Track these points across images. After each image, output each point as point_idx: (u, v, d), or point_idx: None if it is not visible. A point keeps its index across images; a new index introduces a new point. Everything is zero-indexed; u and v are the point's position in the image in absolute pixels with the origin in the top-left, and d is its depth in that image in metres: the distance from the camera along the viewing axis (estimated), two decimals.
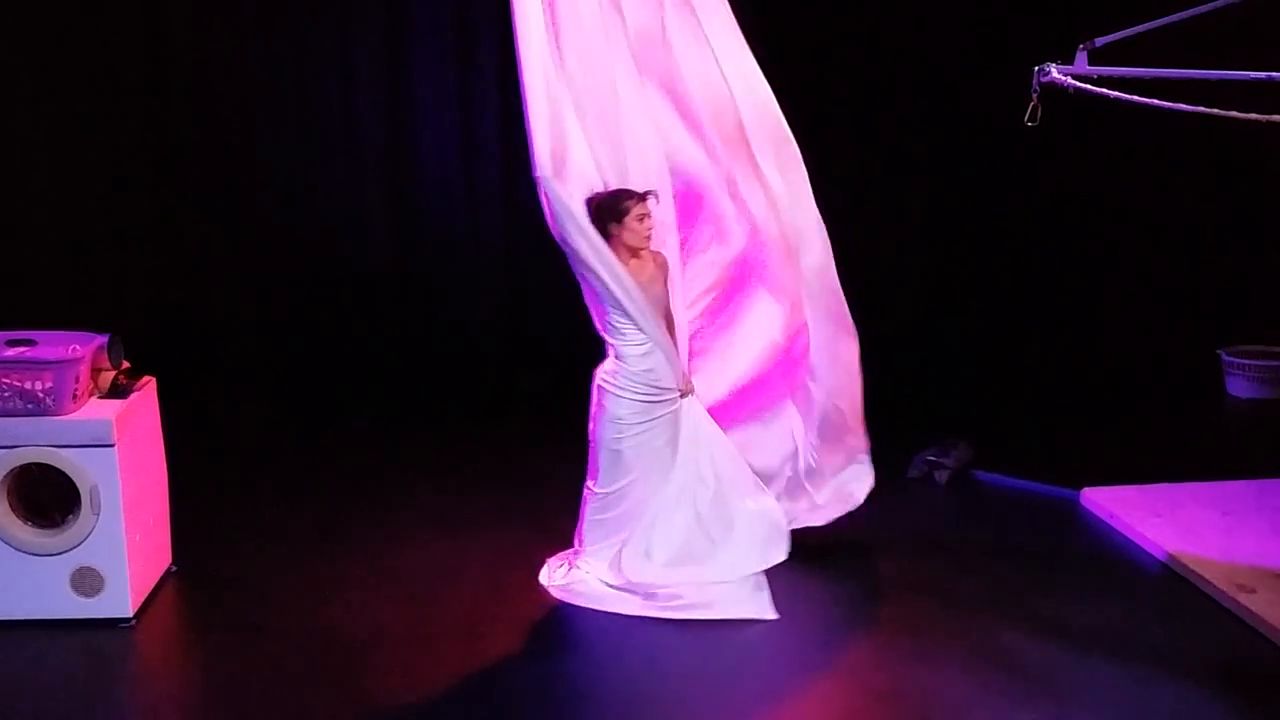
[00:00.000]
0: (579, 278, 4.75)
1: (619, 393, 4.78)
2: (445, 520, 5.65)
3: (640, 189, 4.77)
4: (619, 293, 4.65)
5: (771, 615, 4.72)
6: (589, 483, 4.92)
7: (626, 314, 4.70)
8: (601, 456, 4.85)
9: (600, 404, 4.83)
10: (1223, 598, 4.77)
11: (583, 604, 4.82)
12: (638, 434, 4.81)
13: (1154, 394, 7.50)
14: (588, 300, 4.81)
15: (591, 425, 4.88)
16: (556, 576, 4.98)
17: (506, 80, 7.42)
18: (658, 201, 4.83)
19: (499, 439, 6.83)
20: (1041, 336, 7.87)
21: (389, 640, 4.56)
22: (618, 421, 4.79)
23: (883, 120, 7.68)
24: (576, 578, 4.93)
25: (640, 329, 4.72)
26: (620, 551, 4.87)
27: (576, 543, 5.01)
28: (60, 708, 4.15)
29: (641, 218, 4.72)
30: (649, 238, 4.78)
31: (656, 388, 4.80)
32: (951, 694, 4.19)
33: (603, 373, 4.85)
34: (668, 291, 4.88)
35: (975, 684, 4.24)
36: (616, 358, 4.80)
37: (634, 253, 4.75)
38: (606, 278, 4.63)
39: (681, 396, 4.87)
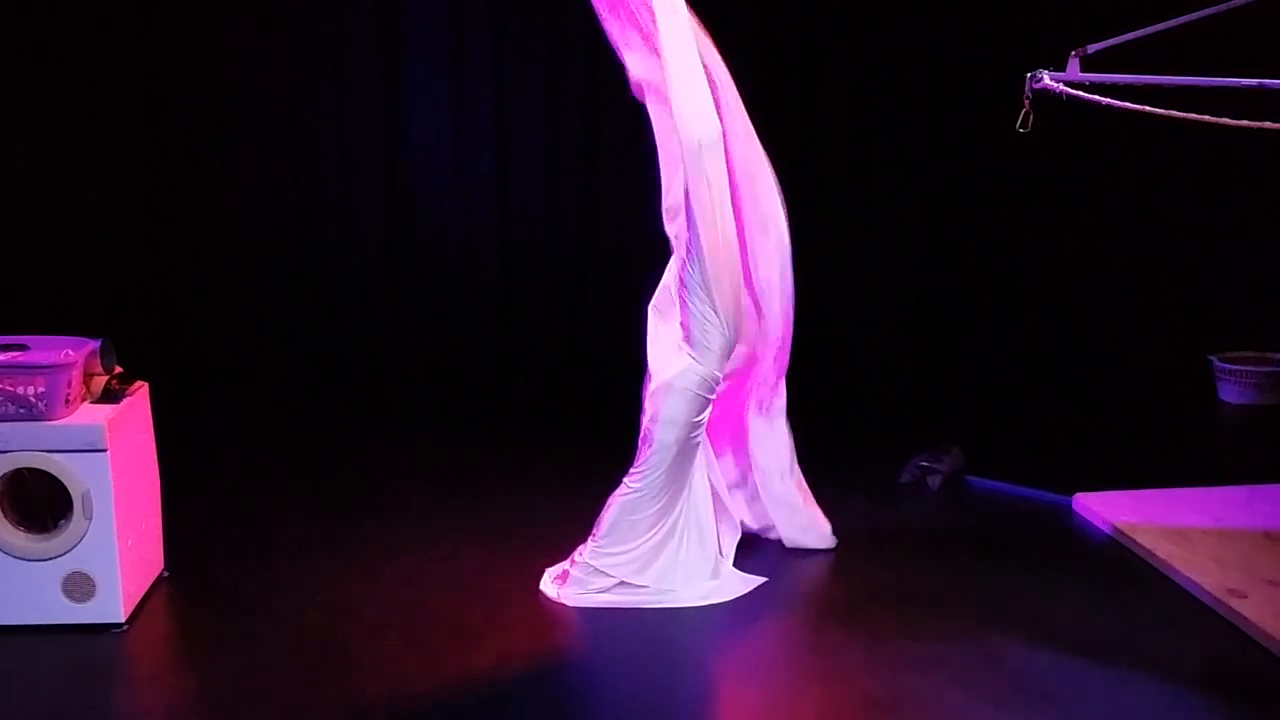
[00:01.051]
0: (683, 267, 4.76)
1: (697, 391, 4.75)
2: (438, 526, 5.64)
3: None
4: (728, 278, 4.69)
5: (758, 580, 4.97)
6: (628, 483, 4.85)
7: (716, 309, 4.71)
8: (653, 456, 4.78)
9: (666, 404, 4.75)
10: (1215, 603, 4.78)
11: (591, 605, 4.80)
12: (693, 432, 4.80)
13: (1146, 399, 7.52)
14: (680, 293, 4.79)
15: (649, 425, 4.78)
16: (559, 585, 4.93)
17: (500, 87, 7.46)
18: None
19: (492, 445, 6.82)
20: (1034, 342, 7.89)
21: (382, 646, 4.55)
22: (680, 422, 4.74)
23: (875, 127, 7.70)
24: (582, 581, 4.87)
25: (724, 327, 4.74)
26: (651, 550, 4.85)
27: (591, 540, 4.92)
28: (51, 713, 4.14)
29: None
30: None
31: (719, 382, 4.83)
32: (944, 699, 4.20)
33: (674, 374, 4.77)
34: None
35: (968, 689, 4.24)
36: (695, 355, 4.76)
37: None
38: (720, 254, 4.65)
39: None
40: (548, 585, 4.96)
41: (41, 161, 6.91)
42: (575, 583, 4.89)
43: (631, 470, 4.85)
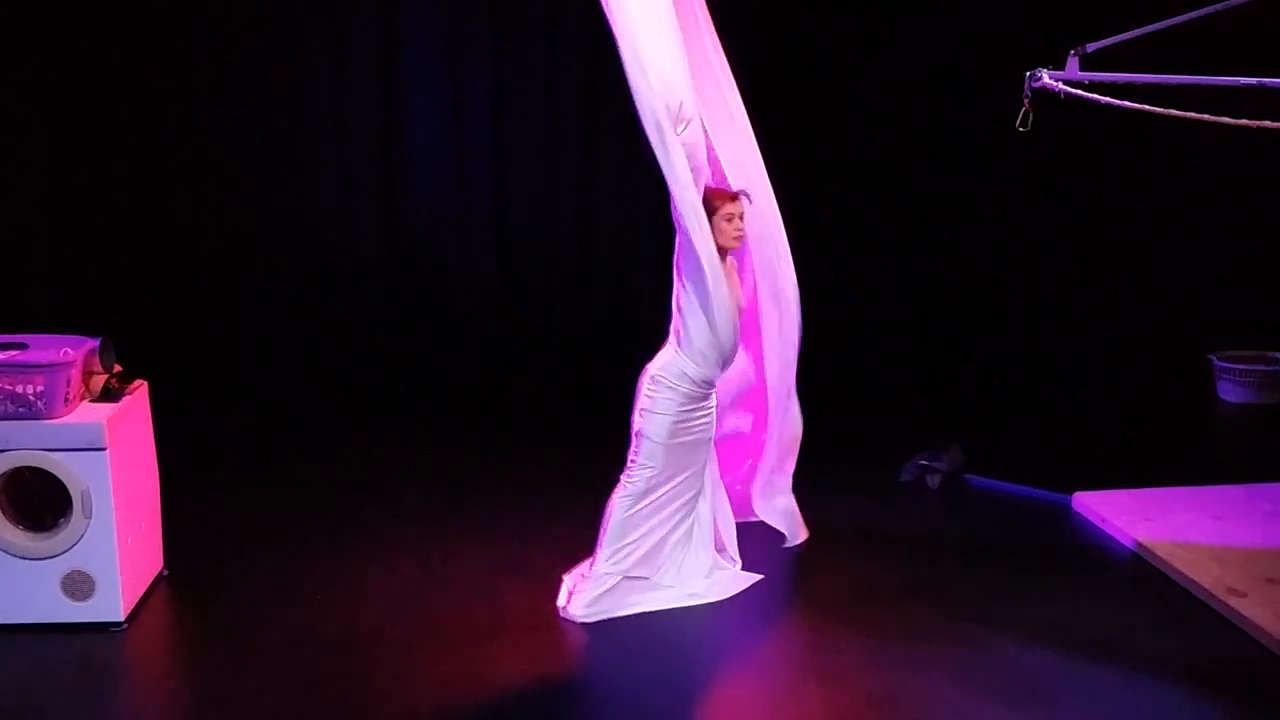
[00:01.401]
0: (676, 268, 4.71)
1: (676, 383, 4.71)
2: (438, 525, 5.65)
3: (735, 188, 4.84)
4: (708, 274, 4.59)
5: (754, 577, 4.98)
6: (623, 478, 4.82)
7: (703, 303, 4.63)
8: (642, 449, 4.76)
9: (651, 397, 4.74)
10: (1214, 602, 4.78)
11: (598, 619, 4.72)
12: (684, 427, 4.76)
13: (1145, 398, 7.52)
14: (676, 290, 4.75)
15: (637, 418, 4.78)
16: (569, 603, 4.83)
17: (499, 87, 7.46)
18: (749, 202, 4.83)
19: (491, 444, 6.82)
20: (1034, 341, 7.88)
21: (380, 646, 4.55)
22: (665, 414, 4.71)
23: (874, 126, 7.70)
24: (587, 592, 4.78)
25: (710, 324, 4.64)
26: (653, 546, 4.83)
27: (597, 548, 4.83)
28: (51, 712, 4.14)
29: (731, 217, 4.70)
30: (738, 239, 4.77)
31: (708, 383, 4.78)
32: (944, 698, 4.20)
33: (657, 366, 4.76)
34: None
35: (967, 688, 4.24)
36: (679, 349, 4.72)
37: (721, 254, 4.68)
38: (700, 250, 4.55)
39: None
40: (562, 599, 4.87)
41: (41, 162, 6.91)
42: (582, 593, 4.80)
43: (626, 466, 4.84)
